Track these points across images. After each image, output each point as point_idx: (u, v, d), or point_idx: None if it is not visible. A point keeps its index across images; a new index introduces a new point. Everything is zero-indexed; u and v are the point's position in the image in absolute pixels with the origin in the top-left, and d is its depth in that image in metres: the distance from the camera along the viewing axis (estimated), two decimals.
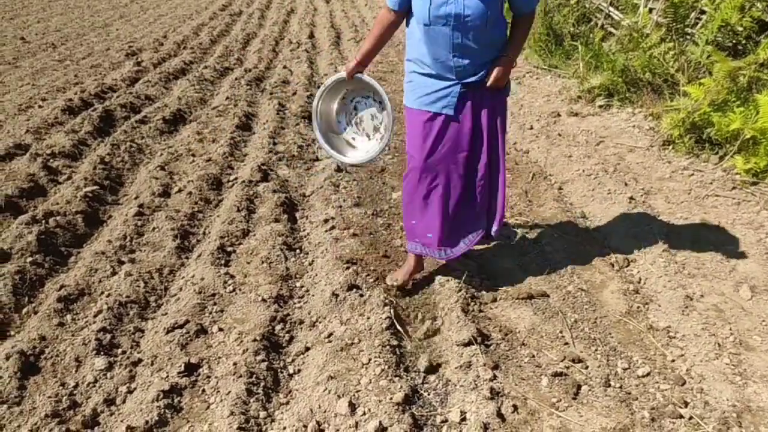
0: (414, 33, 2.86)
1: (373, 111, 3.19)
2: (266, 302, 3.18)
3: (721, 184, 4.33)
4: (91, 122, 5.61)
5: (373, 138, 3.23)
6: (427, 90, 2.90)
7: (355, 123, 3.24)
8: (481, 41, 2.74)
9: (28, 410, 2.46)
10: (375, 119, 3.20)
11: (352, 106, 3.23)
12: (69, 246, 3.73)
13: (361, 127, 3.24)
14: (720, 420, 2.44)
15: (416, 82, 2.95)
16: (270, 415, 2.50)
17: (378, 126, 3.21)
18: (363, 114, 3.21)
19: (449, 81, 2.84)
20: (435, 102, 2.89)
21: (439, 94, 2.87)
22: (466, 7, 2.62)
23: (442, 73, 2.83)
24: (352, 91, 3.19)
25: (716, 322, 3.02)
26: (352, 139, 3.27)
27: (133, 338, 2.96)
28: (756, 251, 3.55)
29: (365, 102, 3.20)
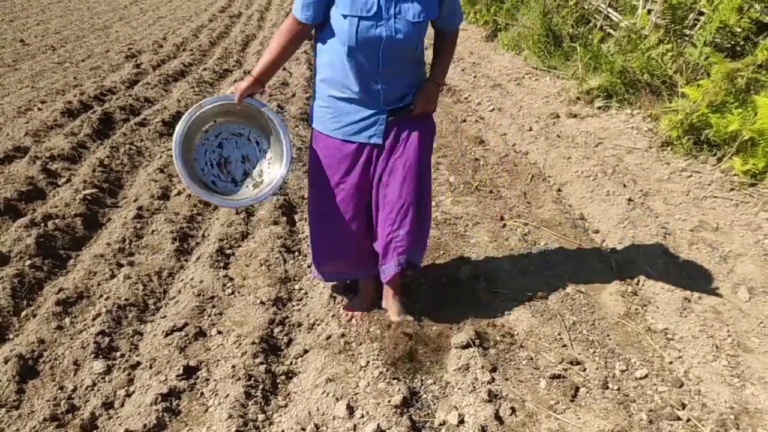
0: (332, 52, 2.50)
1: (245, 152, 2.68)
2: (265, 305, 3.19)
3: (720, 186, 4.33)
4: (91, 125, 5.61)
5: (241, 184, 2.68)
6: (351, 118, 2.59)
7: (217, 164, 2.67)
8: (408, 64, 2.55)
9: (26, 414, 2.46)
10: (247, 162, 2.68)
11: (216, 142, 2.66)
12: (68, 249, 3.73)
13: (225, 170, 2.68)
14: (718, 422, 2.44)
15: (336, 108, 2.60)
16: (268, 417, 2.50)
17: (249, 171, 2.68)
18: (230, 154, 2.68)
19: (374, 108, 2.56)
20: (361, 131, 2.61)
21: (365, 122, 2.59)
22: (397, 30, 2.37)
23: (365, 98, 2.53)
24: (221, 123, 2.64)
25: (714, 323, 3.02)
26: (212, 183, 2.66)
27: (131, 341, 2.96)
28: (754, 253, 3.56)
29: (235, 141, 2.68)
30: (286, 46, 2.56)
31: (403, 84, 2.57)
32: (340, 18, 2.38)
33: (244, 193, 2.66)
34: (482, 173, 4.96)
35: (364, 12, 2.34)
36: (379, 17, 2.35)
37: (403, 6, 2.37)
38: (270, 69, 2.57)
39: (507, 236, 3.94)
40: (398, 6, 2.36)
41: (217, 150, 2.66)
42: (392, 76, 2.50)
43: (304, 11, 2.45)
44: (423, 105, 2.63)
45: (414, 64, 2.59)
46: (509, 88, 7.24)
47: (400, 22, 2.37)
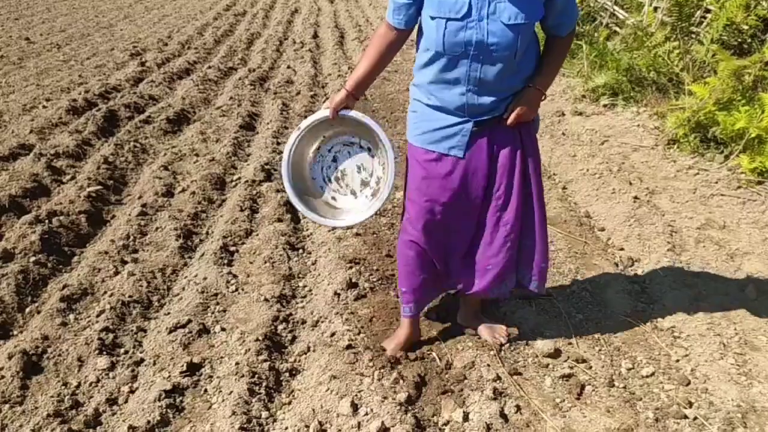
0: (423, 56, 2.30)
1: (359, 161, 2.57)
2: (269, 302, 3.18)
3: (726, 184, 4.31)
4: (95, 122, 5.61)
5: (360, 195, 2.59)
6: (432, 125, 2.37)
7: (335, 179, 2.60)
8: (506, 75, 2.22)
9: (30, 410, 2.46)
10: (363, 171, 2.57)
11: (331, 157, 2.60)
12: (72, 246, 3.73)
13: (343, 183, 2.60)
14: (725, 420, 2.42)
15: (421, 114, 2.41)
16: (272, 415, 2.49)
17: (367, 179, 2.57)
18: (345, 166, 2.59)
19: (459, 117, 2.32)
20: (441, 141, 2.37)
21: (446, 131, 2.35)
22: (491, 33, 2.10)
23: (451, 107, 2.31)
24: (330, 137, 2.58)
25: (721, 321, 3.00)
26: (332, 199, 2.62)
27: (135, 338, 2.95)
28: (762, 250, 3.53)
29: (348, 150, 2.58)
30: (382, 54, 2.39)
31: (496, 97, 2.27)
32: (428, 20, 2.20)
33: (364, 205, 2.57)
34: None
35: (453, 13, 2.12)
36: (469, 18, 2.11)
37: (498, 6, 2.09)
38: (365, 80, 2.42)
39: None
40: (493, 5, 2.09)
41: (332, 165, 2.59)
42: (484, 88, 2.23)
43: (396, 15, 2.30)
44: (518, 114, 2.29)
45: (513, 76, 2.25)
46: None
47: (494, 24, 2.10)
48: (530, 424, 2.44)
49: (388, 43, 2.37)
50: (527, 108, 2.30)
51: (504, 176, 2.40)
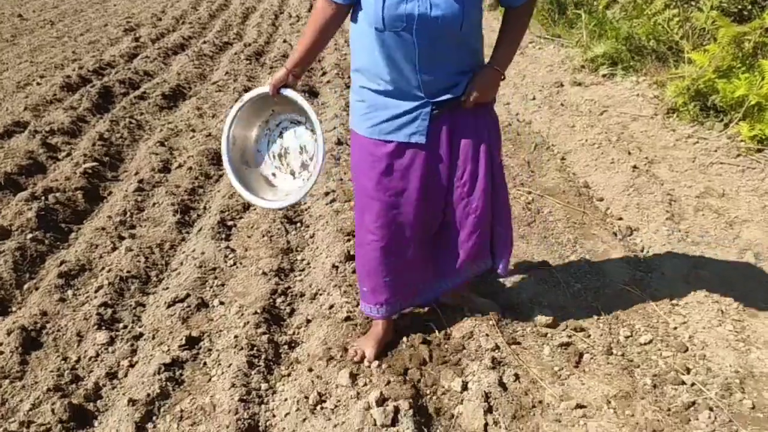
0: (363, 35, 2.11)
1: (303, 142, 2.45)
2: (267, 275, 3.17)
3: (726, 152, 4.28)
4: (90, 99, 5.57)
5: (298, 177, 2.47)
6: (387, 114, 2.17)
7: (278, 155, 2.50)
8: (455, 48, 2.09)
9: (30, 384, 2.46)
10: (305, 153, 2.45)
11: (278, 132, 2.49)
12: (69, 222, 3.72)
13: (285, 161, 2.49)
14: (722, 386, 2.43)
15: (371, 103, 2.20)
16: (271, 386, 2.50)
17: (307, 162, 2.45)
18: (289, 145, 2.47)
19: (416, 100, 2.14)
20: (399, 129, 2.18)
21: (404, 118, 2.17)
22: (434, 5, 1.94)
23: (404, 89, 2.13)
24: (279, 112, 2.47)
25: (719, 289, 3.00)
26: (272, 175, 2.52)
27: (134, 313, 2.96)
28: (761, 218, 3.52)
29: (294, 129, 2.46)
30: (321, 31, 2.20)
31: (449, 72, 2.13)
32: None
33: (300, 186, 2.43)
34: None
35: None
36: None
37: None
38: (304, 58, 2.27)
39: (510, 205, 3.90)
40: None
41: (278, 140, 2.49)
42: (434, 63, 2.07)
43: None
44: (477, 95, 2.17)
45: (463, 49, 2.12)
46: None
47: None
48: (529, 392, 2.45)
49: (327, 19, 2.17)
50: (485, 89, 2.19)
51: (468, 161, 2.28)
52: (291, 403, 2.38)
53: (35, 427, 2.18)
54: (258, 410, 2.36)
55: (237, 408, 2.29)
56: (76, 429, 2.25)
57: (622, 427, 2.27)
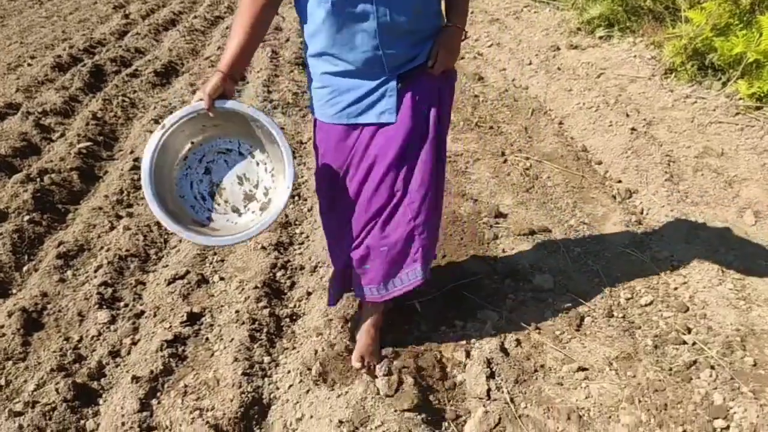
0: (314, 18, 1.90)
1: (240, 170, 2.08)
2: (266, 250, 3.17)
3: (724, 111, 4.24)
4: (82, 78, 5.51)
5: (246, 212, 2.09)
6: (352, 96, 2.00)
7: (209, 195, 2.08)
8: (418, 14, 1.92)
9: (33, 365, 2.47)
10: (246, 182, 2.08)
11: (202, 169, 2.07)
12: (66, 203, 3.70)
13: (221, 200, 2.09)
14: (724, 344, 2.44)
15: (333, 88, 2.01)
16: (274, 359, 2.51)
17: (252, 192, 2.09)
18: (222, 179, 2.08)
19: (379, 77, 1.98)
20: (368, 109, 2.02)
21: (371, 97, 2.00)
22: None
23: (365, 68, 1.95)
24: (200, 143, 2.06)
25: (719, 248, 2.99)
26: (208, 219, 2.07)
27: (134, 291, 2.95)
28: (760, 176, 3.50)
29: (224, 159, 2.08)
30: (256, 20, 1.90)
31: (412, 42, 1.98)
32: None
33: (249, 223, 2.04)
34: (482, 109, 4.86)
35: None
36: None
37: None
38: (240, 58, 1.92)
39: (509, 171, 3.89)
40: None
41: (205, 178, 2.08)
42: (395, 33, 1.90)
43: None
44: (444, 59, 2.03)
45: (423, 16, 1.96)
46: (508, 22, 7.05)
47: None
48: (530, 356, 2.46)
49: (262, 6, 1.89)
50: (452, 51, 2.07)
51: (425, 137, 2.09)
52: (294, 375, 2.39)
53: (40, 406, 2.18)
54: (261, 383, 2.37)
55: (240, 382, 2.30)
56: (81, 407, 2.26)
57: (624, 388, 2.28)
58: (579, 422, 2.14)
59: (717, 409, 2.16)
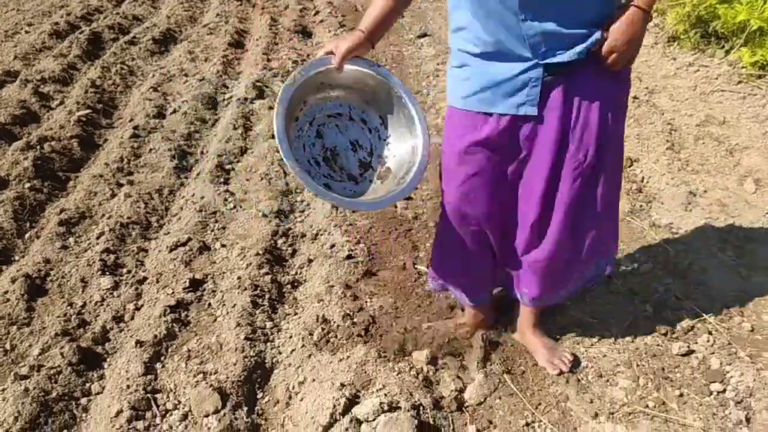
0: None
1: (352, 136, 1.99)
2: (267, 217, 3.17)
3: (727, 79, 4.22)
4: (79, 45, 5.46)
5: (363, 180, 1.99)
6: (488, 80, 1.74)
7: (323, 160, 1.97)
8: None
9: (38, 330, 2.49)
10: (360, 150, 1.99)
11: (313, 132, 1.96)
12: (66, 171, 3.69)
13: (336, 165, 1.97)
14: (722, 310, 2.46)
15: (471, 69, 1.79)
16: (276, 325, 2.53)
17: (367, 160, 1.99)
18: (336, 144, 1.98)
19: (523, 62, 1.68)
20: (505, 98, 1.74)
21: (510, 84, 1.72)
22: None
23: (508, 49, 1.68)
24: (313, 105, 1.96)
25: (720, 216, 3.00)
26: (325, 186, 1.89)
27: (137, 258, 2.97)
28: (761, 144, 3.50)
29: (336, 124, 1.98)
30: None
31: (570, 22, 1.62)
32: None
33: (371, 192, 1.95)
34: None
35: None
36: None
37: None
38: (382, 24, 1.85)
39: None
40: None
41: (317, 142, 1.97)
42: (547, 10, 1.59)
43: None
44: (622, 49, 1.64)
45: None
46: None
47: None
48: None
49: None
50: (631, 36, 1.63)
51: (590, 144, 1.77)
52: (296, 340, 2.41)
53: (45, 370, 2.21)
54: (264, 348, 2.39)
55: (243, 346, 2.33)
56: (87, 371, 2.28)
57: (623, 352, 2.30)
58: (577, 385, 2.17)
59: (714, 373, 2.18)
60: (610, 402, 2.11)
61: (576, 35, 1.63)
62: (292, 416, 2.11)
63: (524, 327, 2.31)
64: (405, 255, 2.90)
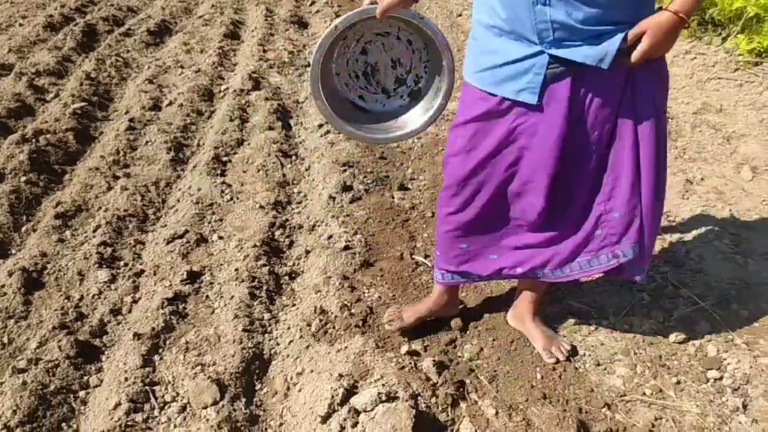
0: None
1: (395, 54, 2.10)
2: (264, 209, 3.17)
3: (724, 66, 4.21)
4: (74, 38, 5.43)
5: (395, 95, 2.16)
6: (496, 59, 1.71)
7: (363, 75, 2.13)
8: None
9: (35, 323, 2.49)
10: (399, 66, 2.11)
11: (359, 48, 2.09)
12: (62, 164, 3.68)
13: (374, 80, 2.14)
14: (719, 297, 2.46)
15: (482, 43, 1.75)
16: (274, 316, 2.54)
17: (403, 76, 2.13)
18: (377, 60, 2.10)
19: (529, 46, 1.64)
20: (506, 81, 1.70)
21: (512, 68, 1.68)
22: None
23: (519, 30, 1.63)
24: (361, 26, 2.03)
25: (716, 204, 3.01)
26: (360, 98, 2.16)
27: (134, 250, 2.96)
28: (758, 132, 3.50)
29: (382, 42, 2.08)
30: None
31: (588, 17, 1.54)
32: None
33: (398, 110, 2.14)
34: None
35: None
36: None
37: None
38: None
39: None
40: None
41: (360, 57, 2.10)
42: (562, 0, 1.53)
43: None
44: (647, 45, 1.54)
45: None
46: None
47: None
48: None
49: None
50: (659, 42, 1.55)
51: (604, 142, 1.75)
52: (294, 331, 2.41)
53: (43, 363, 2.21)
54: (262, 339, 2.40)
55: (241, 338, 2.33)
56: (84, 364, 2.29)
57: (620, 341, 2.31)
58: (575, 373, 2.18)
59: (711, 361, 2.19)
60: (607, 390, 2.11)
61: (591, 32, 1.56)
62: (291, 407, 2.12)
63: (523, 315, 2.31)
64: (402, 245, 2.90)
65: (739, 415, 1.99)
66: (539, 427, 1.96)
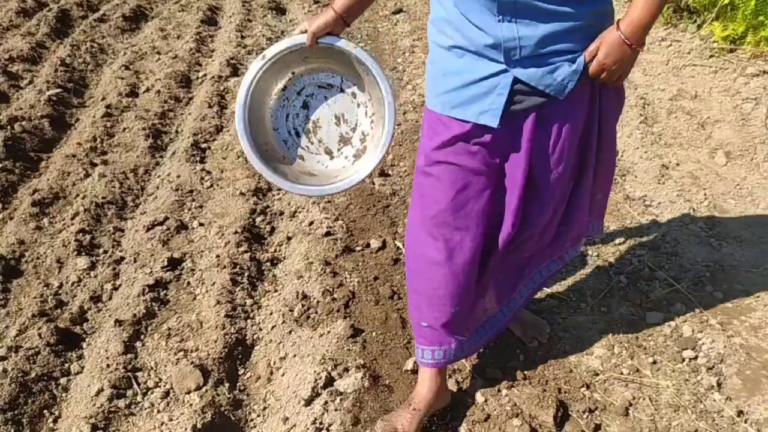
0: None
1: (339, 109, 1.92)
2: (245, 196, 3.16)
3: (699, 53, 4.26)
4: (48, 23, 5.33)
5: (338, 156, 1.95)
6: (456, 81, 1.58)
7: (305, 132, 1.95)
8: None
9: (14, 311, 2.47)
10: (343, 124, 1.93)
11: (300, 101, 1.92)
12: (38, 151, 3.63)
13: (315, 138, 1.95)
14: (693, 280, 2.51)
15: (440, 65, 1.63)
16: (256, 302, 2.54)
17: (348, 135, 1.94)
18: (319, 116, 1.93)
19: (493, 65, 1.53)
20: (469, 103, 1.57)
21: (476, 88, 1.55)
22: None
23: (479, 47, 1.52)
24: (301, 74, 1.90)
25: (691, 188, 3.06)
26: (300, 158, 1.96)
27: (113, 238, 2.95)
28: (732, 118, 3.55)
29: (324, 95, 1.92)
30: None
31: (553, 35, 1.47)
32: None
33: (341, 171, 1.92)
34: None
35: None
36: None
37: None
38: (358, 2, 1.73)
39: None
40: None
41: (302, 112, 1.93)
42: (525, 11, 1.45)
43: None
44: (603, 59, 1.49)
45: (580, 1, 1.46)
46: None
47: None
48: None
49: None
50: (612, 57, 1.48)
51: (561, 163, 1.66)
52: (277, 317, 2.42)
53: (24, 351, 2.20)
54: (244, 325, 2.40)
55: (224, 323, 2.33)
56: (65, 351, 2.28)
57: (598, 322, 2.35)
58: (555, 355, 2.21)
59: (686, 341, 2.24)
60: (586, 370, 2.16)
61: (559, 51, 1.49)
62: (274, 391, 2.13)
63: None
64: (383, 231, 2.92)
65: (714, 393, 2.04)
66: (520, 407, 1.99)
